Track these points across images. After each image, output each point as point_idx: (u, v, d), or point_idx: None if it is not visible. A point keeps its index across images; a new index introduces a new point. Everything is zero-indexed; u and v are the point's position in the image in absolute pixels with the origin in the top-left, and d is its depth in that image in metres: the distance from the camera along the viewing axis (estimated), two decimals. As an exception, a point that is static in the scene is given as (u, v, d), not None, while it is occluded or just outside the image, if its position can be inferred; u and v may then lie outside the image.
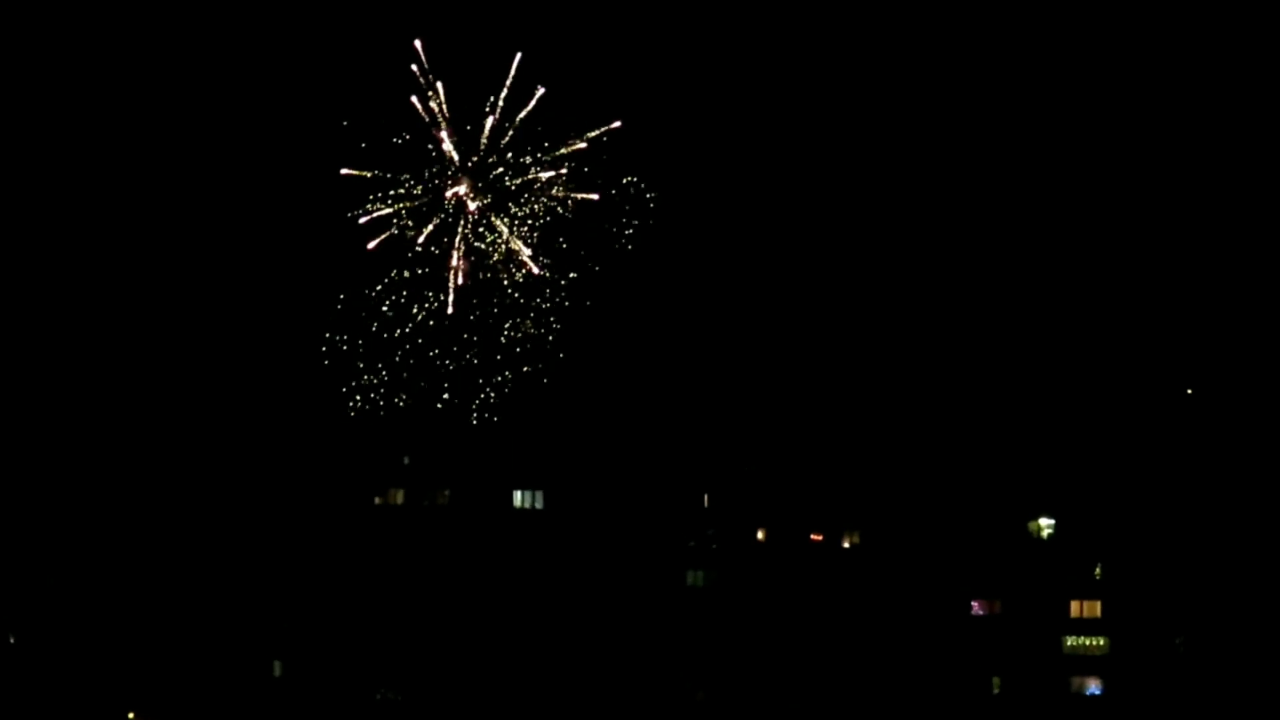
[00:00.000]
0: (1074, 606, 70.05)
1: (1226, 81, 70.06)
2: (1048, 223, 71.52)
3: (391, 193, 67.65)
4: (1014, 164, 71.56)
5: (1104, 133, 71.38)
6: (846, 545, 70.90)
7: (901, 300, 71.76)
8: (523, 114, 67.59)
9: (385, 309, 68.09)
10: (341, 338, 68.37)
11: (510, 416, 68.77)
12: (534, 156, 67.99)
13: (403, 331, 68.65)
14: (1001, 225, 71.67)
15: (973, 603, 70.26)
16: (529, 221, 68.36)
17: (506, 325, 68.72)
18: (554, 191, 68.06)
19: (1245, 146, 70.46)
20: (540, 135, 67.86)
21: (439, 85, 67.21)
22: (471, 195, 67.55)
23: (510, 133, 67.73)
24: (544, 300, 68.82)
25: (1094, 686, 69.48)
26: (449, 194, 67.48)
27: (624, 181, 68.54)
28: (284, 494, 69.06)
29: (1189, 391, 71.04)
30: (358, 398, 68.28)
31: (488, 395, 68.68)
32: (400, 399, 68.48)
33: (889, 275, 71.89)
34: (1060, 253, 71.66)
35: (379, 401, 68.26)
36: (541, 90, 67.13)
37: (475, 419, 68.64)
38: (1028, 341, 71.32)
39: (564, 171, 68.21)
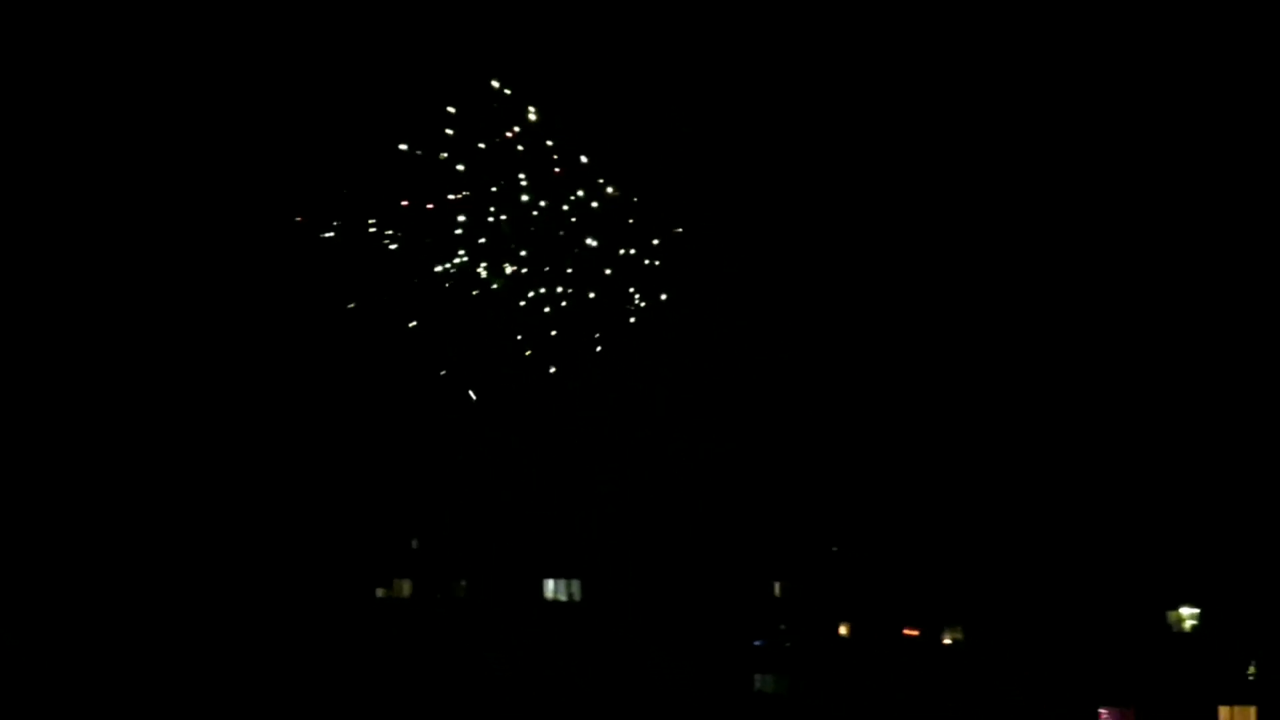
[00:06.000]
0: (1223, 714, 63.03)
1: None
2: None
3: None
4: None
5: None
6: (947, 642, 64.36)
7: (1014, 350, 65.90)
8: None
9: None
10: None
11: (538, 488, 62.87)
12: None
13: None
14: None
15: (1101, 711, 63.22)
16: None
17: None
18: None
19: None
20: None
21: None
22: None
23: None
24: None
25: (1251, 811, 62.69)
26: None
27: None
28: (260, 579, 62.23)
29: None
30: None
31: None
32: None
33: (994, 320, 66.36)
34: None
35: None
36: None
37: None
38: (1163, 400, 65.29)
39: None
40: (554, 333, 62.21)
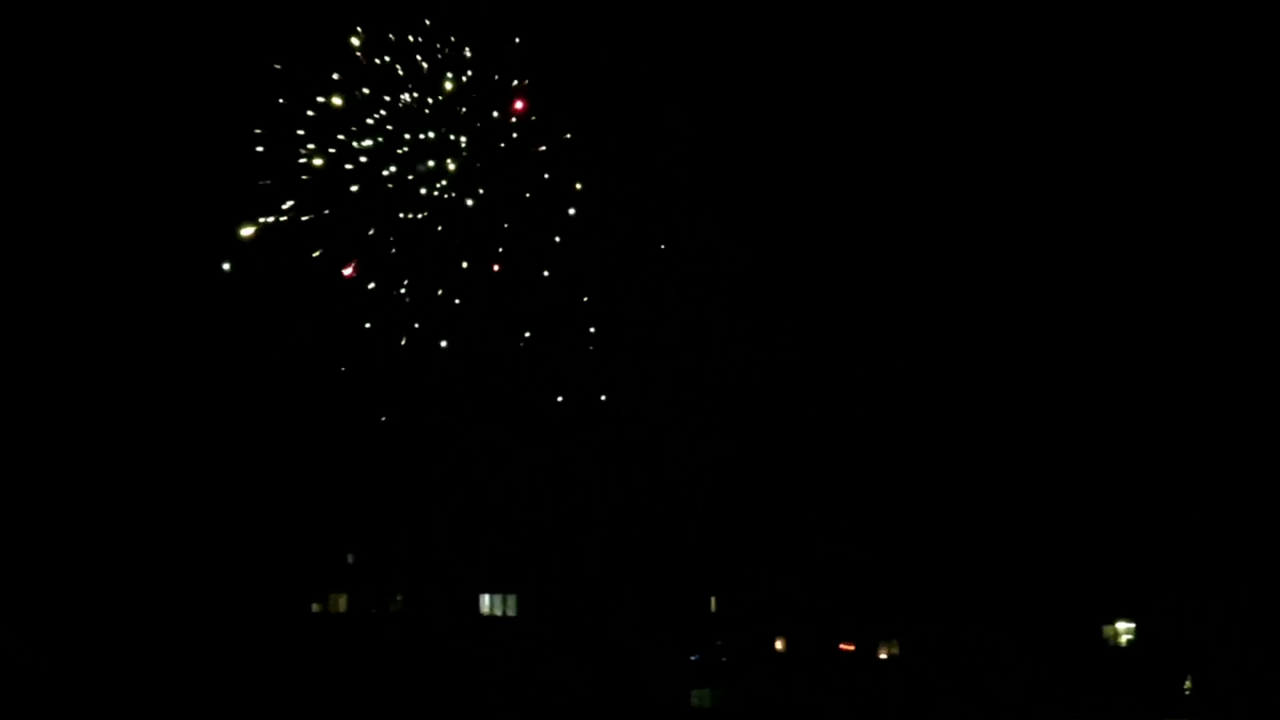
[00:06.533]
0: (1161, 729, 62.01)
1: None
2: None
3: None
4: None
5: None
6: (884, 656, 63.46)
7: (955, 361, 65.14)
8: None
9: None
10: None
11: (475, 501, 61.71)
12: None
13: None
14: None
15: (1039, 726, 61.60)
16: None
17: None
18: None
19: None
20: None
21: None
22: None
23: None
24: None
25: (1187, 825, 61.46)
26: None
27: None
28: (192, 593, 60.72)
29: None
30: None
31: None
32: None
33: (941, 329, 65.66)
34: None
35: None
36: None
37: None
38: (1106, 407, 64.35)
39: None
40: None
